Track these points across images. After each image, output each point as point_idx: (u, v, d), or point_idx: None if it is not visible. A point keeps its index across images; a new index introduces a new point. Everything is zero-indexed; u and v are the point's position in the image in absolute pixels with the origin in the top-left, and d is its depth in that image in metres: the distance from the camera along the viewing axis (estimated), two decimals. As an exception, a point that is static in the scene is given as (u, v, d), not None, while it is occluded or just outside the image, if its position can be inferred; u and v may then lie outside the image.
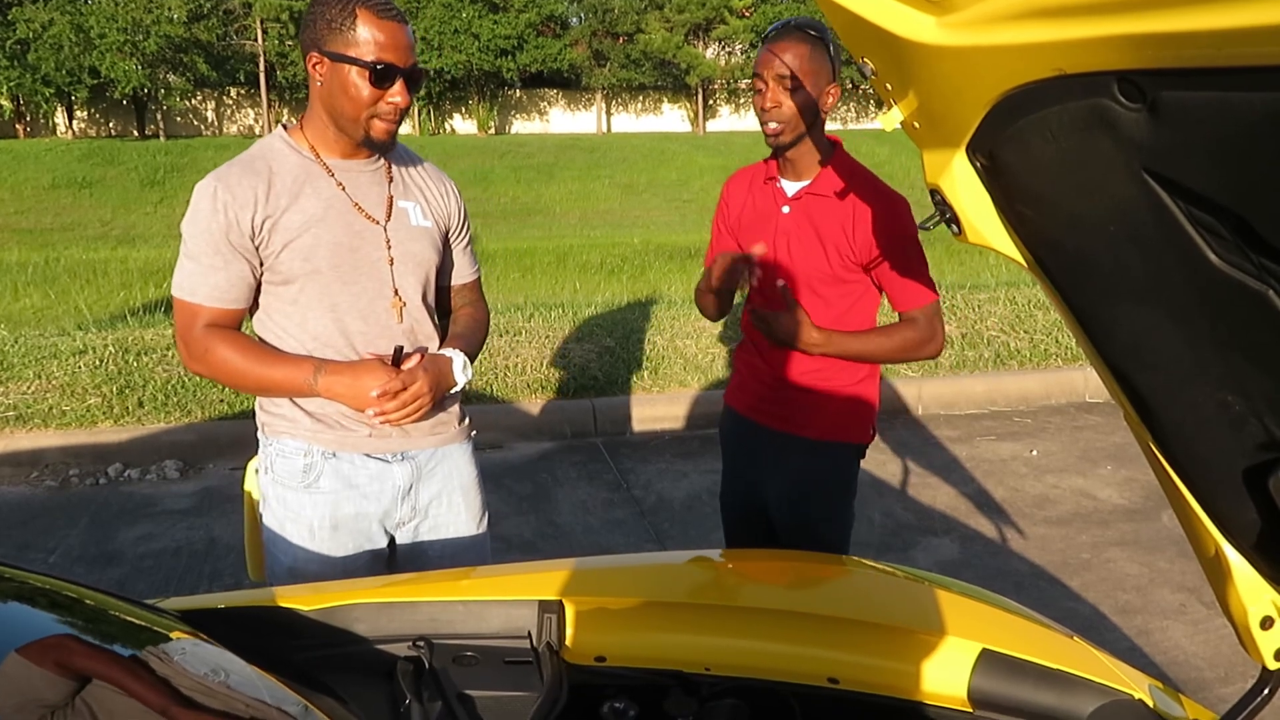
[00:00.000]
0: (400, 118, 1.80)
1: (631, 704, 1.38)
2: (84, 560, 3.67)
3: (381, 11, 1.71)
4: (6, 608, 1.19)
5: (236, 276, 1.81)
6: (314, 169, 1.83)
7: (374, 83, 1.72)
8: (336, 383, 1.81)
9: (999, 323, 6.47)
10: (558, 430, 5.02)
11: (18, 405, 4.81)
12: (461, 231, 2.07)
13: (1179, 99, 0.74)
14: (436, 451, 1.99)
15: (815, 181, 2.14)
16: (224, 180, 1.78)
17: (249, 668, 1.20)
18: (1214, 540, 1.13)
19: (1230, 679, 2.94)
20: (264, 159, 1.82)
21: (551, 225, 17.55)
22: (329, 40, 1.72)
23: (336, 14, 1.71)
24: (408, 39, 1.75)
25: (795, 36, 2.02)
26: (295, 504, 1.91)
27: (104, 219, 18.37)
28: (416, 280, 1.92)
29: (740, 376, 2.38)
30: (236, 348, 1.82)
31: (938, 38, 0.91)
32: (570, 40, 34.33)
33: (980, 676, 1.44)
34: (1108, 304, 1.00)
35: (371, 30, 1.70)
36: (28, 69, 26.71)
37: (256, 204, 1.77)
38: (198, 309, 1.82)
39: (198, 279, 1.80)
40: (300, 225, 1.79)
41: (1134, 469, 4.59)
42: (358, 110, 1.76)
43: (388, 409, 1.80)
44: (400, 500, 1.96)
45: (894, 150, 24.68)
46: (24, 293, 9.37)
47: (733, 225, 2.29)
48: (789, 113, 2.03)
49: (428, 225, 1.94)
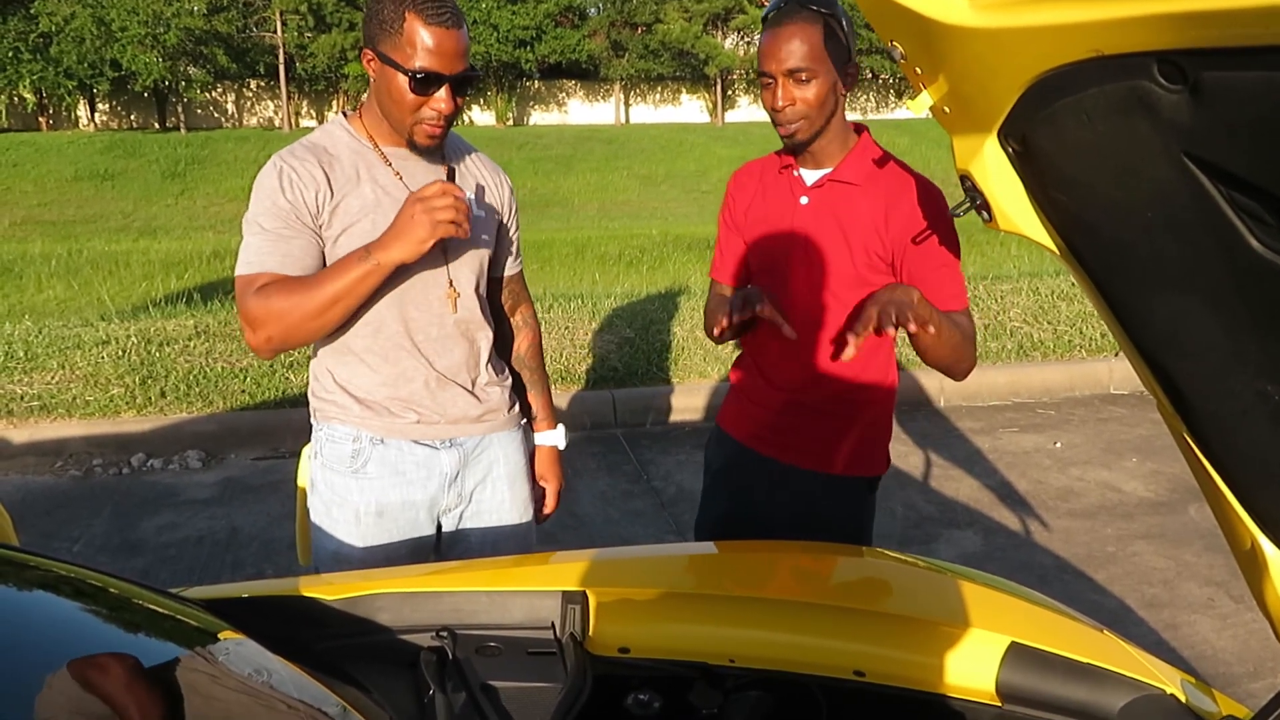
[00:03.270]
0: (447, 123, 1.78)
1: (655, 696, 1.37)
2: (107, 549, 3.70)
3: (432, 16, 1.66)
4: (33, 596, 1.20)
5: (308, 244, 1.78)
6: (372, 157, 1.84)
7: (415, 90, 1.70)
8: (386, 240, 1.71)
9: (1022, 314, 6.42)
10: (577, 421, 5.02)
11: (42, 395, 4.85)
12: (512, 222, 2.06)
13: (1222, 80, 0.72)
14: (484, 439, 2.00)
15: (839, 168, 1.90)
16: (288, 161, 1.79)
17: (273, 656, 1.20)
18: (1250, 533, 1.11)
19: (1259, 674, 2.90)
20: (325, 145, 1.83)
21: (570, 216, 17.53)
22: (380, 39, 1.70)
23: (389, 14, 1.68)
24: (457, 44, 1.69)
25: (800, 18, 1.77)
26: (342, 489, 1.92)
27: (126, 211, 18.47)
28: (471, 271, 1.92)
29: (741, 401, 2.13)
30: (288, 285, 1.74)
31: (970, 19, 0.89)
32: (588, 31, 34.25)
33: (1009, 670, 1.42)
34: (1144, 291, 0.98)
35: (419, 35, 1.66)
36: (50, 62, 26.89)
37: (319, 186, 1.77)
38: (258, 278, 1.75)
39: (265, 252, 1.75)
40: (359, 211, 1.79)
41: (1159, 461, 4.55)
42: (403, 114, 1.75)
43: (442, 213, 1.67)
44: (447, 487, 1.97)
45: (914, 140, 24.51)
46: (48, 284, 9.45)
47: (740, 220, 2.05)
48: (804, 108, 1.80)
49: (482, 216, 1.93)
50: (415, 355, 1.89)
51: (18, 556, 1.27)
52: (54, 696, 0.93)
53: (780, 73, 1.79)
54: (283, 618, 1.42)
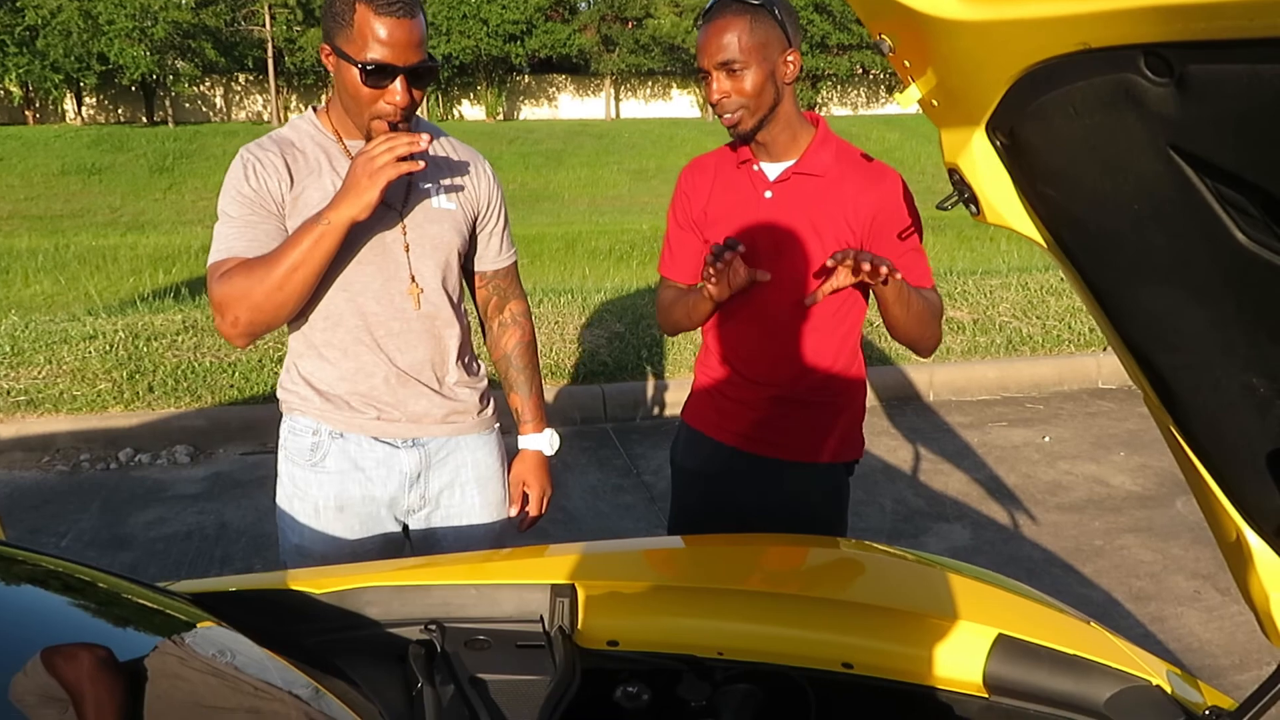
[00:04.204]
0: (406, 115, 1.72)
1: (644, 688, 1.37)
2: (95, 544, 3.69)
3: (382, 6, 1.61)
4: (20, 591, 1.19)
5: (273, 230, 1.76)
6: (335, 150, 1.82)
7: (367, 83, 1.66)
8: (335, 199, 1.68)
9: (1011, 308, 6.44)
10: (568, 416, 5.02)
11: (29, 390, 4.82)
12: (492, 214, 1.99)
13: (1208, 73, 0.72)
14: (450, 440, 1.96)
15: (802, 160, 1.91)
16: (253, 152, 1.79)
17: (261, 650, 1.19)
18: (1235, 525, 1.12)
19: (1245, 666, 2.92)
20: (289, 139, 1.82)
21: (560, 211, 17.52)
22: (335, 33, 1.67)
23: (341, 6, 1.64)
24: (410, 35, 1.64)
25: (729, 12, 1.79)
26: (303, 481, 1.90)
27: (113, 205, 18.40)
28: (435, 265, 1.87)
29: (717, 399, 2.10)
30: (248, 265, 1.71)
31: (958, 12, 0.89)
32: (579, 25, 34.21)
33: (996, 662, 1.42)
34: (1131, 284, 0.98)
35: (370, 26, 1.62)
36: (37, 55, 26.75)
37: (281, 176, 1.77)
38: (226, 263, 1.74)
39: (234, 237, 1.75)
40: (319, 202, 1.76)
41: (1147, 455, 4.57)
42: (359, 108, 1.71)
43: (383, 156, 1.63)
44: (408, 487, 1.93)
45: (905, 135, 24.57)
46: (34, 279, 9.41)
47: (699, 217, 2.03)
48: (740, 99, 1.82)
49: (451, 208, 1.89)
50: (375, 351, 1.85)
51: (5, 551, 1.27)
52: (34, 687, 0.93)
53: (712, 66, 1.82)
54: (271, 611, 1.41)
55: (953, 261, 8.99)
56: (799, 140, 1.93)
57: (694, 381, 2.19)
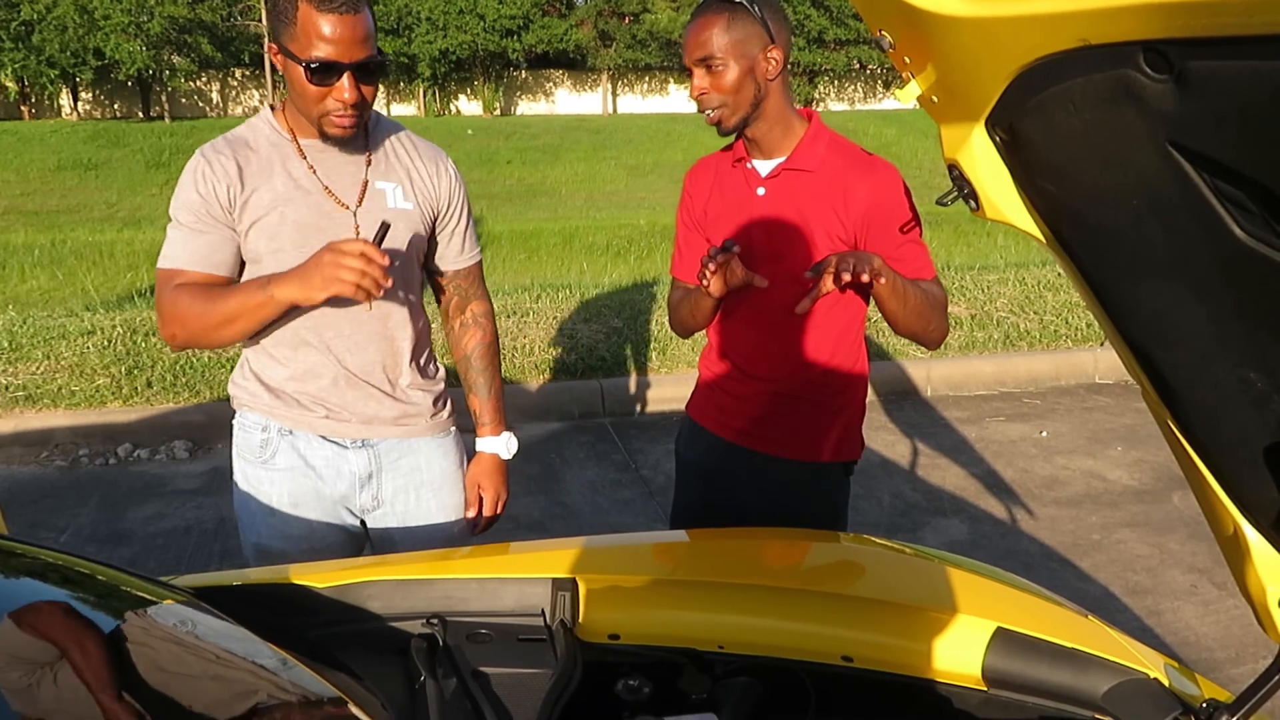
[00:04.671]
0: (359, 111, 1.70)
1: (645, 682, 1.38)
2: (95, 539, 3.69)
3: (325, 3, 1.58)
4: (20, 583, 1.19)
5: (219, 241, 1.77)
6: (288, 149, 1.79)
7: (313, 81, 1.63)
8: (288, 275, 1.69)
9: (1008, 304, 6.45)
10: (566, 411, 5.02)
11: (27, 385, 4.82)
12: (454, 213, 1.95)
13: (1207, 69, 0.73)
14: (402, 443, 1.94)
15: (793, 156, 1.91)
16: (205, 155, 1.77)
17: (263, 644, 1.20)
18: (1233, 519, 1.12)
19: (1241, 659, 2.94)
20: (245, 138, 1.80)
21: (557, 207, 17.49)
22: (280, 32, 1.63)
23: (284, 5, 1.61)
24: (355, 31, 1.61)
25: (710, 10, 1.82)
26: (255, 478, 1.90)
27: (110, 201, 18.34)
28: (390, 267, 1.79)
29: (719, 395, 2.11)
30: (197, 292, 1.74)
31: (958, 8, 0.89)
32: (576, 20, 34.14)
33: (995, 655, 1.43)
34: (1129, 280, 0.99)
35: (313, 23, 1.59)
36: (32, 51, 26.64)
37: (230, 180, 1.75)
38: (176, 273, 1.77)
39: (179, 246, 1.77)
40: (269, 204, 1.75)
41: (1144, 450, 4.58)
42: (308, 106, 1.68)
43: (347, 272, 1.61)
44: (359, 488, 1.92)
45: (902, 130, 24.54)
46: (31, 274, 9.39)
47: (700, 217, 2.06)
48: (719, 96, 1.84)
49: (408, 207, 1.85)
50: (324, 352, 1.84)
51: (6, 545, 1.27)
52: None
53: (692, 63, 1.84)
54: (274, 606, 1.42)
55: (950, 257, 8.99)
56: (791, 136, 1.93)
57: (699, 374, 2.21)
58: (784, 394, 2.01)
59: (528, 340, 5.61)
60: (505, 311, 6.01)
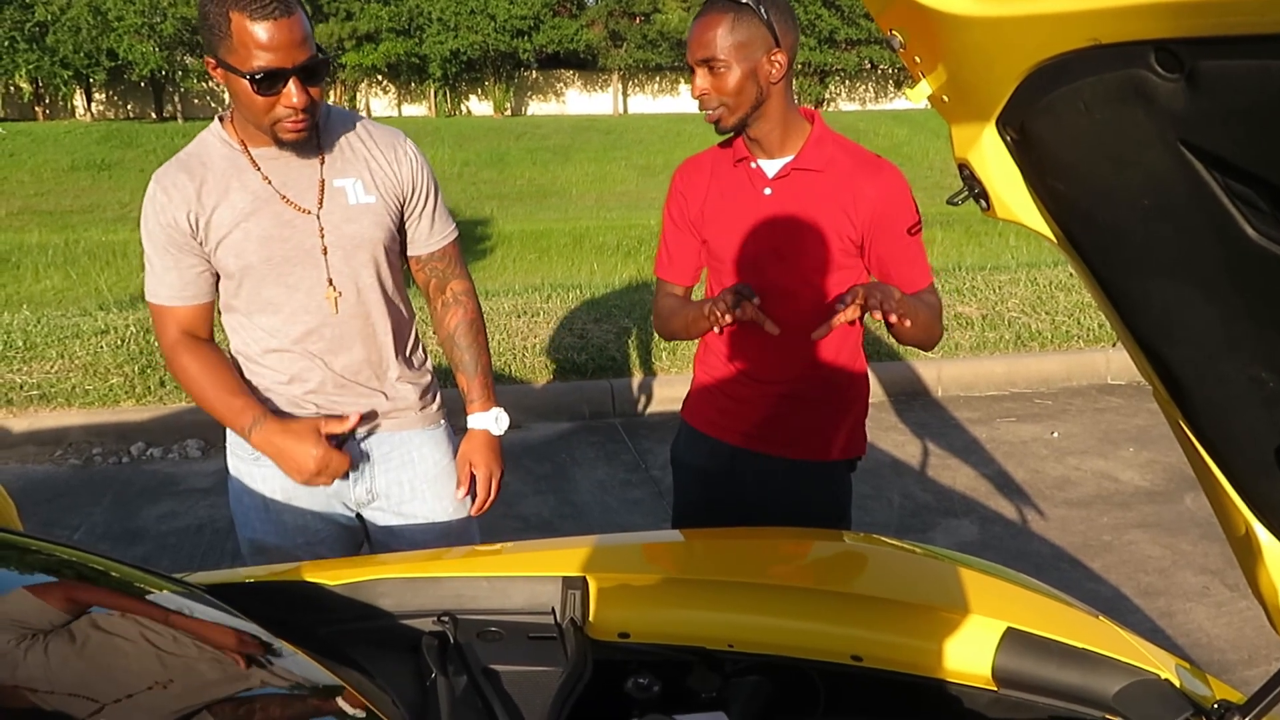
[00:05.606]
0: (310, 113, 1.68)
1: (655, 680, 1.38)
2: (108, 537, 3.71)
3: (256, 11, 1.55)
4: (33, 579, 1.21)
5: (191, 274, 1.80)
6: (241, 162, 1.77)
7: (259, 91, 1.61)
8: (268, 444, 1.81)
9: (1020, 304, 6.42)
10: (576, 410, 5.03)
11: (41, 384, 4.85)
12: (419, 196, 1.91)
13: (1218, 68, 0.73)
14: (394, 435, 1.95)
15: (800, 155, 1.90)
16: (160, 182, 1.77)
17: (275, 640, 1.21)
18: (1244, 519, 1.12)
19: (1254, 661, 2.92)
20: (198, 155, 1.79)
21: (568, 207, 17.49)
22: (215, 45, 1.61)
23: (215, 18, 1.58)
24: (291, 35, 1.58)
25: (715, 9, 1.79)
26: (248, 476, 1.92)
27: (123, 201, 18.41)
28: (359, 264, 1.83)
29: (721, 399, 2.08)
30: (197, 365, 1.83)
31: (969, 8, 0.89)
32: (587, 21, 34.14)
33: (1005, 655, 1.43)
34: (1140, 279, 0.99)
35: (249, 33, 1.56)
36: (46, 52, 26.78)
37: (189, 203, 1.75)
38: (162, 310, 1.83)
39: (155, 282, 1.81)
40: (231, 221, 1.75)
41: (1156, 451, 4.56)
42: (257, 117, 1.66)
43: (316, 483, 1.81)
44: (353, 482, 1.93)
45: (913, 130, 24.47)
46: (45, 274, 9.44)
47: (696, 217, 2.02)
48: (719, 97, 1.82)
49: (370, 200, 1.82)
50: (309, 358, 1.86)
51: (22, 541, 1.28)
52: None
53: (695, 62, 1.82)
54: (286, 603, 1.43)
55: (961, 257, 8.97)
56: (794, 136, 1.92)
57: (694, 379, 2.18)
58: (789, 395, 2.01)
59: (538, 340, 5.62)
60: (516, 311, 6.03)
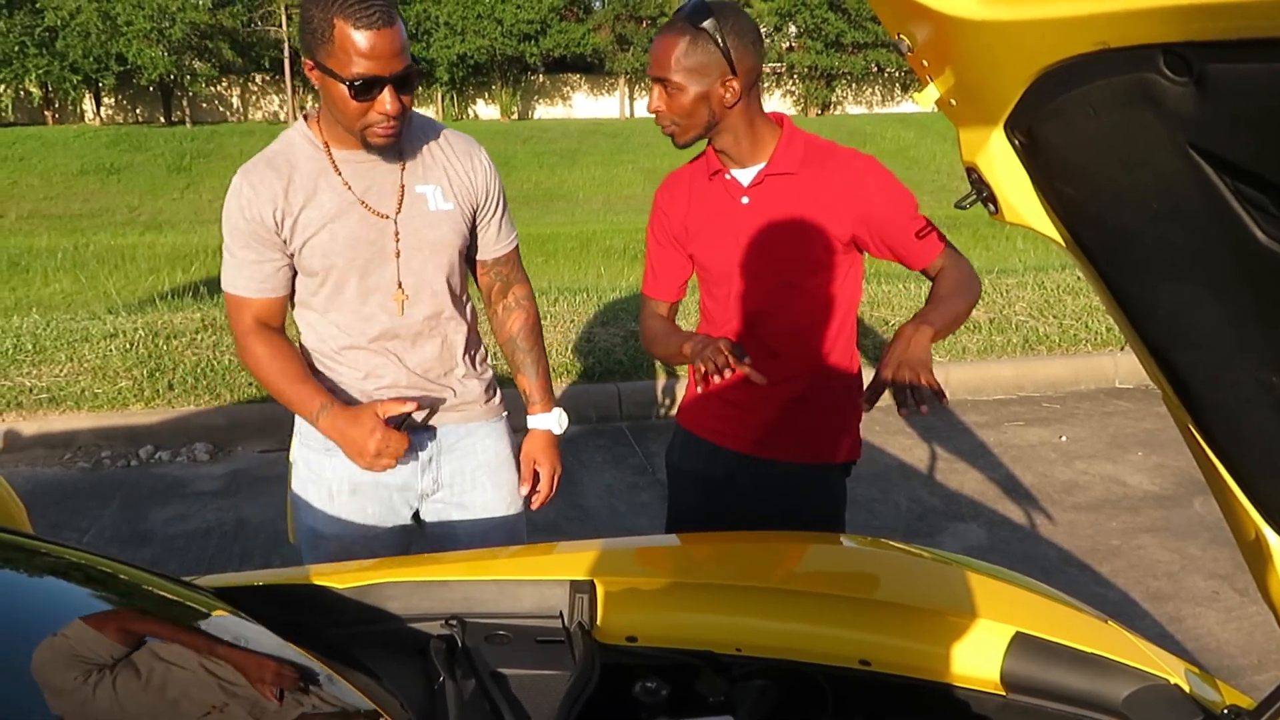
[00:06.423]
0: (400, 121, 1.73)
1: (663, 684, 1.38)
2: (116, 540, 3.72)
3: (360, 19, 1.61)
4: (44, 582, 1.21)
5: (271, 267, 1.85)
6: (326, 165, 1.82)
7: (356, 97, 1.67)
8: (333, 428, 1.85)
9: (1027, 308, 6.41)
10: (583, 414, 5.03)
11: (50, 388, 4.87)
12: (490, 204, 1.98)
13: (1227, 72, 0.73)
14: (460, 428, 2.02)
15: (773, 160, 1.90)
16: (248, 178, 1.81)
17: (284, 644, 1.21)
18: (1254, 524, 1.11)
19: (1264, 666, 2.91)
20: (284, 154, 1.83)
21: (574, 211, 17.53)
22: (316, 49, 1.66)
23: (319, 23, 1.63)
24: (391, 45, 1.64)
25: (673, 31, 1.79)
26: (317, 466, 1.96)
27: (131, 205, 18.52)
28: (434, 269, 1.90)
29: (722, 406, 2.07)
30: (269, 353, 1.87)
31: (977, 11, 0.89)
32: (593, 25, 34.21)
33: (1013, 659, 1.43)
34: (1149, 282, 0.99)
35: (351, 41, 1.61)
36: (56, 56, 26.95)
37: (275, 200, 1.80)
38: (239, 300, 1.88)
39: (234, 272, 1.86)
40: (317, 222, 1.81)
41: (1165, 455, 4.55)
42: (349, 121, 1.72)
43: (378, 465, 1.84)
44: (420, 472, 1.99)
45: (920, 134, 24.47)
46: (54, 278, 9.49)
47: (679, 233, 2.02)
48: (670, 115, 1.83)
49: (449, 208, 1.90)
50: (384, 355, 1.92)
51: (31, 544, 1.29)
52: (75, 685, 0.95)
53: (651, 77, 1.84)
54: (295, 606, 1.43)
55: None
56: (764, 143, 1.91)
57: (689, 385, 2.18)
58: (792, 399, 2.01)
59: (545, 344, 5.61)
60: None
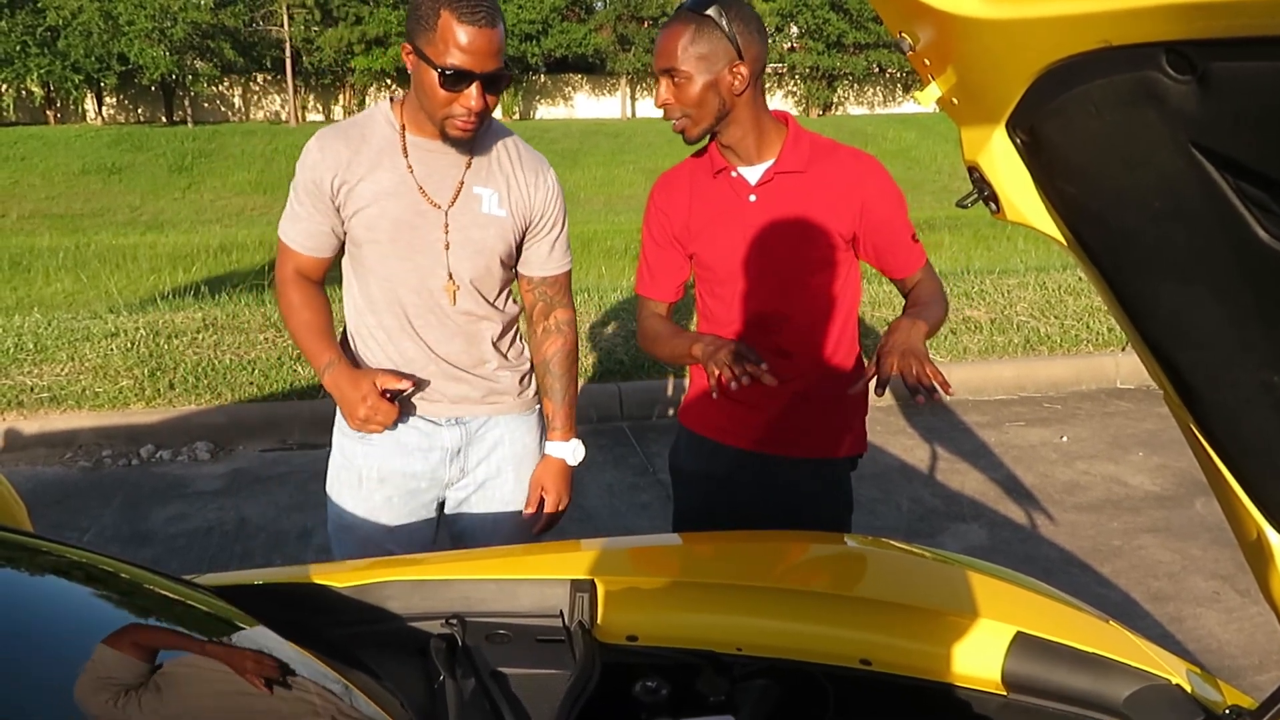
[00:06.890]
0: (479, 119, 1.78)
1: (663, 683, 1.38)
2: (117, 539, 3.72)
3: (466, 14, 1.67)
4: (45, 581, 1.21)
5: (318, 228, 1.91)
6: (397, 145, 1.88)
7: (445, 86, 1.72)
8: (334, 384, 1.93)
9: (1029, 308, 6.41)
10: (584, 414, 5.00)
11: (52, 387, 4.87)
12: (546, 223, 2.00)
13: (1230, 70, 0.72)
14: (490, 420, 2.05)
15: (781, 158, 1.90)
16: (320, 140, 1.89)
17: (284, 643, 1.21)
18: (1256, 524, 1.11)
19: (1265, 666, 2.91)
20: (361, 127, 1.90)
21: (576, 211, 17.49)
22: (417, 34, 1.72)
23: (426, 10, 1.70)
24: (490, 44, 1.70)
25: (679, 21, 1.81)
26: (350, 451, 2.02)
27: (133, 204, 18.53)
28: (475, 266, 1.93)
29: (722, 405, 2.01)
30: (300, 301, 1.96)
31: (979, 10, 0.89)
32: (595, 25, 34.23)
33: (1014, 659, 1.43)
34: (1151, 282, 0.99)
35: (452, 33, 1.68)
36: (57, 56, 26.99)
37: (338, 169, 1.86)
38: (286, 249, 1.96)
39: (289, 223, 1.94)
40: (371, 196, 1.86)
41: (1166, 456, 4.55)
42: (434, 108, 1.77)
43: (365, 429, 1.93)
44: (449, 461, 2.03)
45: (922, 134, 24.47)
46: (56, 277, 9.50)
47: (680, 232, 2.00)
48: (680, 107, 1.84)
49: (501, 215, 1.92)
50: (416, 339, 1.95)
51: (32, 543, 1.29)
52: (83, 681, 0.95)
53: (658, 71, 1.85)
54: (295, 605, 1.43)
55: (970, 260, 8.96)
56: (770, 141, 1.91)
57: (691, 383, 2.16)
58: (798, 395, 2.00)
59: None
60: (524, 315, 6.03)
